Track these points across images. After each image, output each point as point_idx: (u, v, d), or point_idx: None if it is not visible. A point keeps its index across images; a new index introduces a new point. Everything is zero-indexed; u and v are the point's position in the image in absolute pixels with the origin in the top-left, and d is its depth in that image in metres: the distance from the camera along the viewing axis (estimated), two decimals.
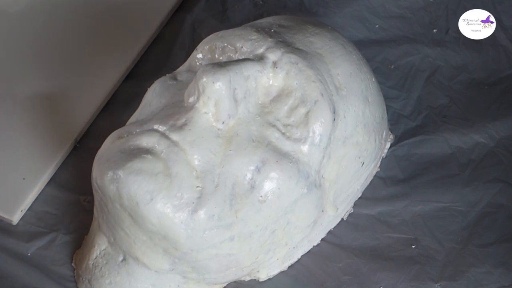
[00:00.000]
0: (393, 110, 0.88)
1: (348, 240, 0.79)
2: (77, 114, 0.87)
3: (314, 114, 0.72)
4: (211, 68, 0.69)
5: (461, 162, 0.84)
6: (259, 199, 0.71)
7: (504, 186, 0.82)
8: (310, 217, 0.75)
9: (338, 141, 0.74)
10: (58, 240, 0.80)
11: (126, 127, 0.72)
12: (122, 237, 0.72)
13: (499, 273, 0.77)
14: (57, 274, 0.78)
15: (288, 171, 0.71)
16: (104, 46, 0.92)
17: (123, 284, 0.73)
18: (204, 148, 0.70)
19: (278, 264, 0.77)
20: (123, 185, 0.68)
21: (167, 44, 0.95)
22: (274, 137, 0.71)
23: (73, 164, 0.85)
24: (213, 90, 0.69)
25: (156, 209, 0.68)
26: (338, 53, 0.77)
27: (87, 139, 0.87)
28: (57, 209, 0.82)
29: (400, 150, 0.85)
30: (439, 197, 0.81)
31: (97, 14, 0.95)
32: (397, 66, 0.92)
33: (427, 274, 0.77)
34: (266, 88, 0.73)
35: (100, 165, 0.70)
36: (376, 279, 0.77)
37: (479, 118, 0.87)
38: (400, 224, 0.80)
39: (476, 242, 0.79)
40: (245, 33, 0.75)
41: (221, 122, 0.70)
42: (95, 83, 0.90)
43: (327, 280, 0.77)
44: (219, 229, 0.70)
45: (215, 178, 0.70)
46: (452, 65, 0.91)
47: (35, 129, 0.86)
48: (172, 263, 0.72)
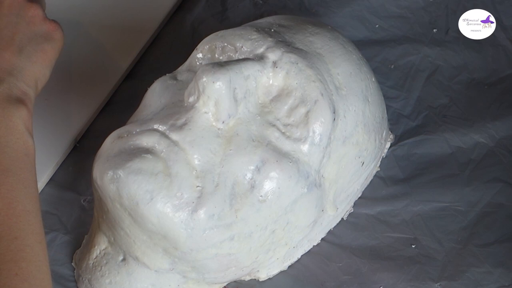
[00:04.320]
0: (393, 110, 0.88)
1: (348, 240, 0.79)
2: (77, 114, 0.87)
3: (314, 114, 0.72)
4: (211, 67, 0.69)
5: (461, 162, 0.84)
6: (259, 199, 0.71)
7: (504, 186, 0.82)
8: (310, 217, 0.75)
9: (338, 141, 0.74)
10: (58, 240, 0.80)
11: (126, 126, 0.72)
12: (122, 237, 0.72)
13: (499, 273, 0.77)
14: (57, 274, 0.78)
15: (288, 170, 0.71)
16: (104, 46, 0.92)
17: (123, 283, 0.73)
18: (204, 148, 0.70)
19: (278, 264, 0.77)
20: (123, 185, 0.68)
21: (167, 44, 0.95)
22: (274, 137, 0.71)
23: (72, 164, 0.85)
24: (213, 89, 0.69)
25: (156, 208, 0.68)
26: (338, 53, 0.77)
27: (86, 139, 0.87)
28: (57, 209, 0.82)
29: (400, 150, 0.85)
30: (439, 197, 0.81)
31: (97, 14, 0.95)
32: (397, 66, 0.92)
33: (427, 274, 0.77)
34: (266, 87, 0.73)
35: (100, 164, 0.70)
36: (376, 279, 0.77)
37: (479, 118, 0.87)
38: (400, 224, 0.80)
39: (476, 242, 0.79)
40: (245, 32, 0.75)
41: (221, 122, 0.70)
42: (95, 83, 0.90)
43: (327, 280, 0.77)
44: (219, 229, 0.70)
45: (215, 178, 0.70)
46: (452, 65, 0.91)
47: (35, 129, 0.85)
48: (172, 263, 0.72)
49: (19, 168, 0.63)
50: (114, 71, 0.91)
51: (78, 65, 0.91)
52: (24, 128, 0.65)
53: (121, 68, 0.91)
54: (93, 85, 0.90)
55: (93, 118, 0.88)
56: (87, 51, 0.92)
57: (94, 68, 0.91)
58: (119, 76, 0.91)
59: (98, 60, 0.91)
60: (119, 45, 0.93)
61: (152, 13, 0.96)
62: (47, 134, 0.86)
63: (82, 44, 0.93)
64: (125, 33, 0.94)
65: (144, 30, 0.94)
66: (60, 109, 0.87)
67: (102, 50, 0.92)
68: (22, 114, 0.65)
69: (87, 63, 0.91)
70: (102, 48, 0.92)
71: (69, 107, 0.88)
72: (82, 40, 0.93)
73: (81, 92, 0.89)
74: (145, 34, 0.94)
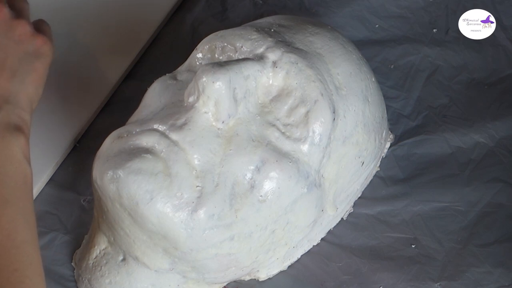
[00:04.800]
0: (393, 110, 0.88)
1: (348, 240, 0.79)
2: (77, 114, 0.87)
3: (314, 114, 0.72)
4: (211, 67, 0.69)
5: (461, 162, 0.84)
6: (259, 199, 0.71)
7: (504, 186, 0.82)
8: (310, 217, 0.75)
9: (338, 141, 0.74)
10: (58, 240, 0.80)
11: (126, 126, 0.72)
12: (122, 237, 0.72)
13: (499, 273, 0.77)
14: (57, 274, 0.78)
15: (288, 170, 0.71)
16: (104, 46, 0.92)
17: (123, 283, 0.73)
18: (204, 148, 0.70)
19: (278, 264, 0.77)
20: (123, 185, 0.68)
21: (167, 44, 0.95)
22: (274, 137, 0.71)
23: (72, 164, 0.85)
24: (213, 89, 0.69)
25: (156, 208, 0.68)
26: (338, 53, 0.77)
27: (86, 139, 0.87)
28: (56, 209, 0.82)
29: (400, 150, 0.85)
30: (439, 197, 0.81)
31: (97, 14, 0.95)
32: (397, 66, 0.92)
33: (427, 274, 0.77)
34: (266, 87, 0.73)
35: (100, 164, 0.70)
36: (376, 279, 0.77)
37: (479, 118, 0.87)
38: (400, 224, 0.80)
39: (476, 242, 0.79)
40: (245, 32, 0.75)
41: (221, 122, 0.70)
42: (95, 83, 0.90)
43: (327, 279, 0.77)
44: (219, 229, 0.70)
45: (215, 178, 0.70)
46: (452, 65, 0.91)
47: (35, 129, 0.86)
48: (172, 263, 0.72)
49: (18, 198, 0.62)
50: (114, 71, 0.91)
51: (78, 65, 0.91)
52: (22, 156, 0.63)
53: (121, 68, 0.91)
54: (93, 85, 0.90)
55: (93, 118, 0.88)
56: (87, 51, 0.92)
57: (94, 68, 0.91)
58: (119, 76, 0.91)
59: (98, 60, 0.91)
60: (119, 45, 0.93)
61: (152, 13, 0.96)
62: (47, 134, 0.86)
63: (82, 44, 0.93)
64: (125, 33, 0.94)
65: (144, 30, 0.94)
66: (60, 109, 0.87)
67: (102, 50, 0.92)
68: (21, 142, 0.64)
69: (87, 63, 0.91)
70: (102, 48, 0.92)
71: (69, 107, 0.88)
72: (82, 40, 0.93)
73: (81, 92, 0.89)
74: (145, 34, 0.94)
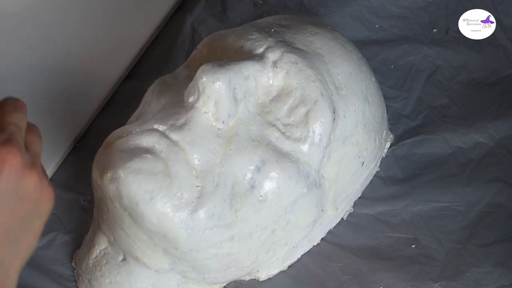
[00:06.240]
0: (393, 110, 0.88)
1: (348, 240, 0.79)
2: (77, 114, 0.87)
3: (314, 114, 0.72)
4: (211, 67, 0.69)
5: (461, 162, 0.84)
6: (259, 199, 0.71)
7: (504, 186, 0.82)
8: (310, 217, 0.75)
9: (338, 141, 0.74)
10: (58, 240, 0.80)
11: (126, 126, 0.72)
12: (122, 237, 0.72)
13: (499, 273, 0.77)
14: (57, 274, 0.78)
15: (288, 170, 0.71)
16: (104, 46, 0.92)
17: (123, 283, 0.73)
18: (204, 148, 0.70)
19: (278, 264, 0.77)
20: (123, 185, 0.68)
21: (167, 44, 0.95)
22: (274, 137, 0.71)
23: (72, 163, 0.85)
24: (213, 89, 0.69)
25: (156, 208, 0.68)
26: (338, 53, 0.77)
27: (86, 139, 0.87)
28: (56, 209, 0.81)
29: (400, 150, 0.85)
30: (439, 197, 0.81)
31: (96, 14, 0.95)
32: (397, 66, 0.92)
33: (427, 274, 0.77)
34: (266, 87, 0.73)
35: (100, 164, 0.70)
36: (376, 279, 0.77)
37: (479, 118, 0.87)
38: (400, 224, 0.80)
39: (476, 242, 0.79)
40: (245, 32, 0.75)
41: (221, 122, 0.70)
42: (95, 83, 0.90)
43: (327, 279, 0.77)
44: (219, 229, 0.70)
45: (215, 178, 0.70)
46: (452, 65, 0.91)
47: None
48: (172, 263, 0.72)
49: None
50: (114, 71, 0.91)
51: (78, 65, 0.91)
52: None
53: (121, 68, 0.91)
54: (93, 85, 0.90)
55: (93, 118, 0.88)
56: (87, 51, 0.92)
57: (94, 68, 0.91)
58: (119, 76, 0.91)
59: (98, 60, 0.91)
60: (119, 45, 0.93)
61: (152, 13, 0.96)
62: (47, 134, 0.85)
63: (82, 44, 0.93)
64: (125, 33, 0.94)
65: (144, 30, 0.94)
66: (60, 109, 0.87)
67: (102, 50, 0.92)
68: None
69: (87, 63, 0.91)
70: (102, 48, 0.92)
71: (69, 107, 0.88)
72: (82, 40, 0.93)
73: (81, 92, 0.89)
74: (145, 34, 0.94)
